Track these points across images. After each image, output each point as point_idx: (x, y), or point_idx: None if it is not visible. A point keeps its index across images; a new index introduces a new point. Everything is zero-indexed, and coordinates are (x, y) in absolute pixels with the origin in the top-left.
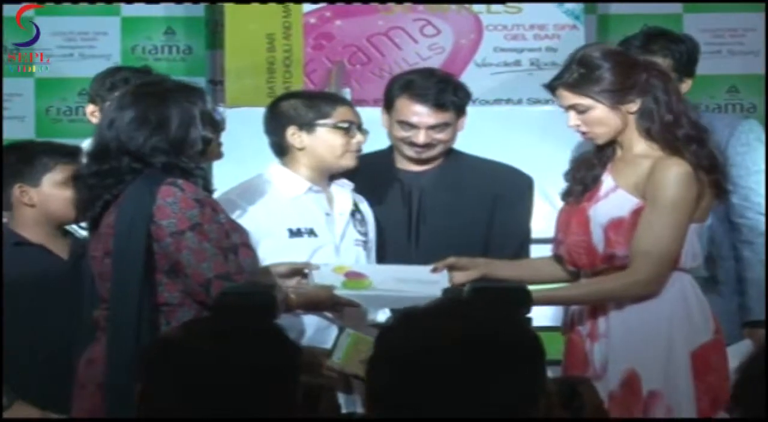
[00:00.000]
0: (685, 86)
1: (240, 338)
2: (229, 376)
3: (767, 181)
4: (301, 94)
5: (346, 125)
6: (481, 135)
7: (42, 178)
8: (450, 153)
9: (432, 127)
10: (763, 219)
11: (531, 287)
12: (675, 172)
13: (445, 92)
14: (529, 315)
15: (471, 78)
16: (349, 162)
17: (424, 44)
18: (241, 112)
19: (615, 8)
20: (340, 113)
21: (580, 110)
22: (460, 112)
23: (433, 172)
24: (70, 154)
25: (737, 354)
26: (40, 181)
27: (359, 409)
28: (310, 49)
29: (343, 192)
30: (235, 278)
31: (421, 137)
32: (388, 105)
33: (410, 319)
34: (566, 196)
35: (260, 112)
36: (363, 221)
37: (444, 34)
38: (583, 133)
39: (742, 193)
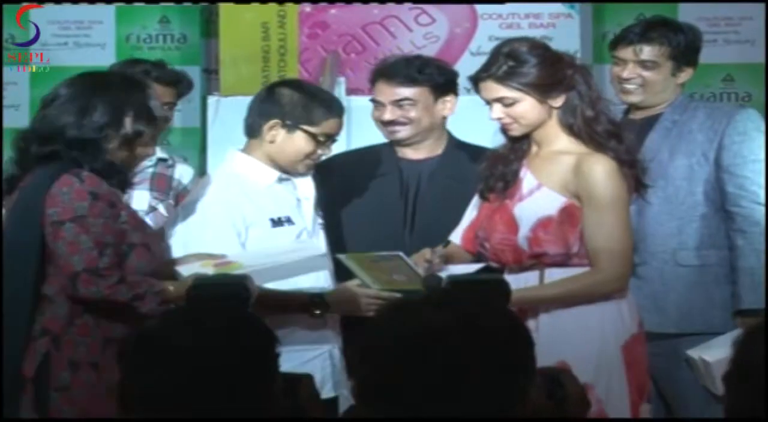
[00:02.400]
0: (685, 75)
1: (217, 326)
2: (207, 366)
3: (767, 171)
4: (303, 90)
5: (324, 137)
6: (476, 124)
7: None
8: (451, 142)
9: (396, 103)
10: (758, 208)
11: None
12: (602, 169)
13: (410, 67)
14: None
15: (466, 67)
16: (302, 169)
17: (419, 33)
18: (235, 101)
19: None
20: (328, 125)
21: (507, 103)
22: (437, 91)
23: (433, 160)
24: None
25: (730, 343)
26: None
27: (345, 390)
28: (305, 38)
29: (304, 178)
30: (105, 273)
31: (387, 113)
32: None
33: (399, 311)
34: (487, 192)
35: None
36: (319, 205)
37: (439, 22)
38: (504, 125)
39: (737, 181)
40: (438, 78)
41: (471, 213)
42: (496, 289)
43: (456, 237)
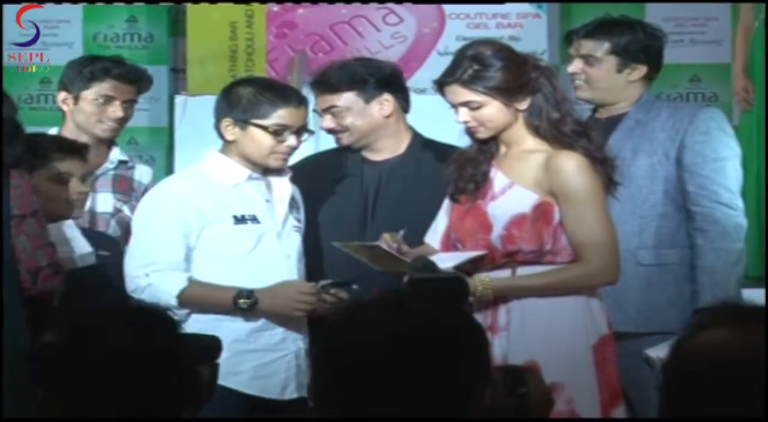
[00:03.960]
0: (637, 73)
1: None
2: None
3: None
4: (256, 84)
5: (277, 128)
6: (444, 123)
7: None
8: (414, 139)
9: (329, 111)
10: (718, 207)
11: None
12: (573, 164)
13: (332, 75)
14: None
15: (433, 67)
16: (274, 163)
17: (386, 33)
18: (203, 101)
19: None
20: (280, 115)
21: (474, 107)
22: (367, 93)
23: (393, 161)
24: (67, 149)
25: None
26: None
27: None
28: (273, 38)
29: (282, 179)
30: (59, 269)
31: (323, 122)
32: None
33: (353, 313)
34: (457, 194)
35: None
36: (299, 208)
37: (406, 22)
38: (471, 128)
39: (698, 180)
40: (361, 81)
41: (443, 217)
42: (454, 288)
43: (434, 241)
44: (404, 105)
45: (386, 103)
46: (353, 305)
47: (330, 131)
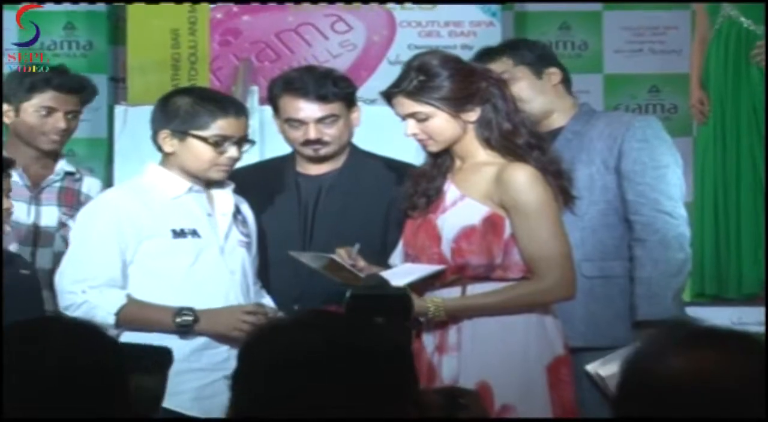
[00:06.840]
0: (555, 76)
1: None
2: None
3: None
4: (194, 94)
5: (217, 139)
6: (395, 135)
7: None
8: (352, 153)
9: (320, 121)
10: (659, 216)
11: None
12: (524, 176)
13: (326, 83)
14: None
15: (384, 76)
16: (215, 175)
17: (335, 41)
18: (143, 111)
19: (532, 5)
20: (219, 126)
21: (421, 118)
22: (349, 104)
23: (331, 174)
24: None
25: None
26: None
27: None
28: (217, 46)
29: (224, 192)
30: None
31: (311, 132)
32: (274, 107)
33: (272, 333)
34: (410, 210)
35: None
36: (245, 222)
37: (356, 30)
38: (420, 141)
39: (638, 189)
40: (349, 89)
41: (401, 236)
42: (397, 305)
43: (397, 261)
44: None
45: (356, 114)
46: (269, 326)
47: (315, 141)
